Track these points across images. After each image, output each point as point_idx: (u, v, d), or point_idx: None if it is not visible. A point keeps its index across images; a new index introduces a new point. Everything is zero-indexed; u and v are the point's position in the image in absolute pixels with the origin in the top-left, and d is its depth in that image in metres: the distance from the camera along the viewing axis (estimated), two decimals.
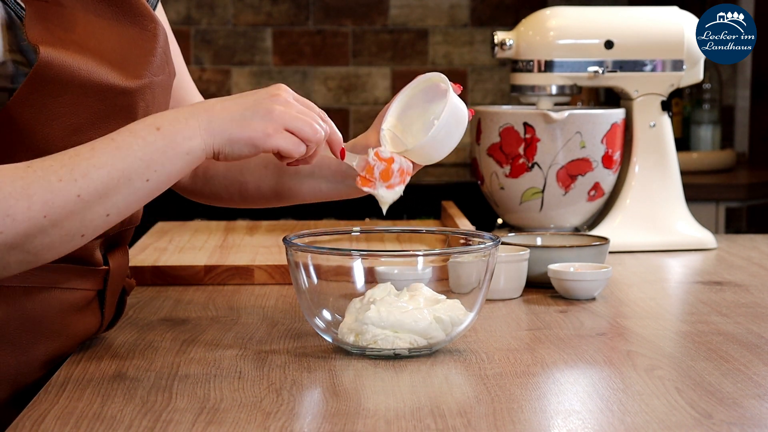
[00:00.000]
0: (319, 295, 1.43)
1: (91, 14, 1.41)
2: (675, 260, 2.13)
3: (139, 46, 1.45)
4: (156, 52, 1.46)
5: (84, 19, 1.40)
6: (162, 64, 1.47)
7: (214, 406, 1.24)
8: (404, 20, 4.12)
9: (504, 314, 1.68)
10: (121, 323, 1.60)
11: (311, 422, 1.21)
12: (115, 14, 1.44)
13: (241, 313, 1.68)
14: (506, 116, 2.15)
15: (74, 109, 1.36)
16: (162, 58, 1.48)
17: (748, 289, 1.84)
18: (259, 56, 4.10)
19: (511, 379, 1.34)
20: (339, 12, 4.11)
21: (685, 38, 2.19)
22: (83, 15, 1.40)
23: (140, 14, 1.46)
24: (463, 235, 1.56)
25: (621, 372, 1.38)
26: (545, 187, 2.14)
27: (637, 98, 2.21)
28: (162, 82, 1.47)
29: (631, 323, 1.63)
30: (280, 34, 4.10)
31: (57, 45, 1.34)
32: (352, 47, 4.12)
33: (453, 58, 4.13)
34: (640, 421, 1.20)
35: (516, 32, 2.20)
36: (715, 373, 1.36)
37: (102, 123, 1.38)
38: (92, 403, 1.25)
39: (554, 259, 1.82)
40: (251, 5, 4.09)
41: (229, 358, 1.43)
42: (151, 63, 1.45)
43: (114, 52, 1.41)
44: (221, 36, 4.09)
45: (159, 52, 1.47)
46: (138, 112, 1.43)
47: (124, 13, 1.44)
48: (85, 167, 1.27)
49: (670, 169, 2.23)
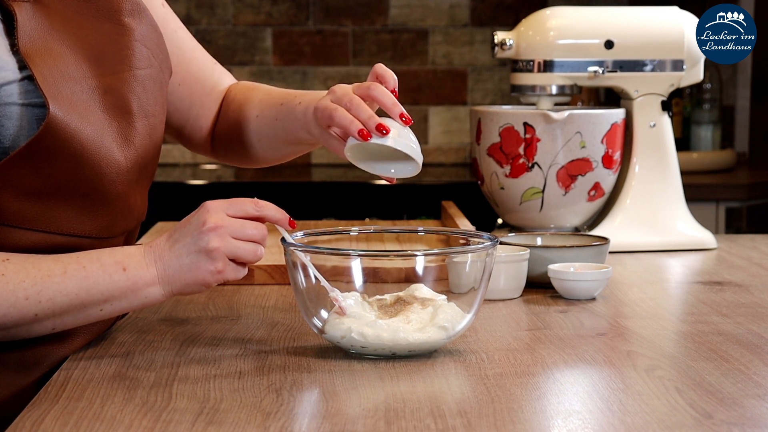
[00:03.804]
0: (318, 295, 1.43)
1: (70, 11, 1.46)
2: (675, 260, 2.13)
3: (114, 41, 1.48)
4: (132, 45, 1.49)
5: (64, 16, 1.44)
6: (146, 57, 1.51)
7: (214, 406, 1.24)
8: (404, 20, 4.12)
9: (504, 314, 1.68)
10: (121, 323, 1.60)
11: (311, 422, 1.21)
12: (90, 10, 1.48)
13: (241, 313, 1.68)
14: (506, 116, 2.15)
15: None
16: (143, 52, 1.51)
17: (748, 289, 1.84)
18: (259, 56, 4.10)
19: (511, 379, 1.34)
20: (339, 12, 4.11)
21: (685, 38, 2.19)
22: (63, 13, 1.45)
23: (113, 9, 1.50)
24: (462, 235, 1.56)
25: (621, 372, 1.38)
26: (545, 187, 2.14)
27: (637, 98, 2.21)
28: (151, 75, 1.50)
29: (631, 323, 1.63)
30: (280, 34, 4.10)
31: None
32: (352, 47, 4.12)
33: (453, 58, 4.13)
34: (640, 421, 1.20)
35: (516, 32, 2.20)
36: (716, 373, 1.36)
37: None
38: (92, 403, 1.25)
39: (554, 259, 1.82)
40: (251, 5, 4.09)
41: (229, 358, 1.43)
42: (130, 56, 1.49)
43: (93, 48, 1.45)
44: (221, 36, 4.09)
45: (137, 44, 1.50)
46: (133, 109, 1.45)
47: (96, 8, 1.48)
48: (53, 292, 1.36)
49: (670, 169, 2.22)
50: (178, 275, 1.41)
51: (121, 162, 1.43)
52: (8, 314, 1.34)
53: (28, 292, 1.35)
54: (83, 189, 1.41)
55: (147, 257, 1.41)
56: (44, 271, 1.36)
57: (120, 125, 1.44)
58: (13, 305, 1.34)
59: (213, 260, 1.39)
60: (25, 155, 1.36)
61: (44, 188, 1.38)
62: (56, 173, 1.38)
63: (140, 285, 1.40)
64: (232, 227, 1.40)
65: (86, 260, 1.39)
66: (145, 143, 1.48)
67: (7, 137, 1.36)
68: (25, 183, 1.37)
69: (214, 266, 1.39)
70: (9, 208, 1.38)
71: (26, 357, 1.43)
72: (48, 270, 1.36)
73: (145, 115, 1.48)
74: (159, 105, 1.53)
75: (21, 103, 1.36)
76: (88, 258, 1.39)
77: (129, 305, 1.41)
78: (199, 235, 1.40)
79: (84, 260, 1.39)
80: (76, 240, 1.42)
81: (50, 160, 1.37)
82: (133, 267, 1.40)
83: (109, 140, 1.42)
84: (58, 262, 1.37)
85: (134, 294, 1.40)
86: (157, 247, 1.42)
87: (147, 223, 2.00)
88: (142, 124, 1.47)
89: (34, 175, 1.37)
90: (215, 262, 1.39)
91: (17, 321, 1.35)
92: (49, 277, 1.36)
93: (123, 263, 1.40)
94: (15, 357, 1.42)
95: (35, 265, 1.36)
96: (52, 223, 1.40)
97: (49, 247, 1.40)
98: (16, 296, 1.34)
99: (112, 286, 1.39)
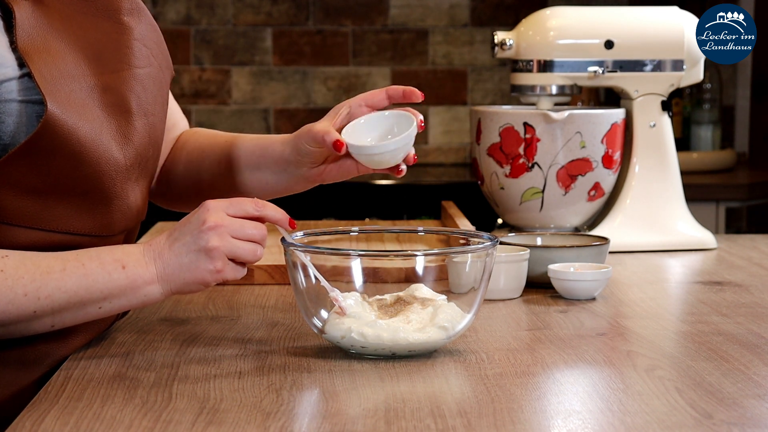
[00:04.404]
0: (318, 295, 1.43)
1: (70, 9, 1.46)
2: (675, 260, 2.13)
3: (114, 39, 1.48)
4: (131, 44, 1.49)
5: (63, 15, 1.44)
6: (146, 56, 1.51)
7: (214, 406, 1.24)
8: (404, 20, 4.12)
9: (504, 314, 1.68)
10: (121, 323, 1.60)
11: (311, 422, 1.21)
12: (89, 9, 1.48)
13: (241, 313, 1.68)
14: (506, 116, 2.15)
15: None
16: (143, 51, 1.51)
17: (748, 289, 1.84)
18: (259, 56, 4.10)
19: (511, 379, 1.34)
20: (339, 12, 4.11)
21: (685, 38, 2.19)
22: (63, 11, 1.45)
23: (112, 8, 1.50)
24: (462, 235, 1.56)
25: (621, 372, 1.38)
26: (545, 187, 2.14)
27: (637, 98, 2.21)
28: (150, 74, 1.51)
29: (631, 323, 1.63)
30: (280, 34, 4.10)
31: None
32: (352, 47, 4.12)
33: (453, 58, 4.13)
34: (640, 421, 1.20)
35: (516, 32, 2.20)
36: (716, 373, 1.36)
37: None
38: (92, 403, 1.25)
39: (554, 259, 1.82)
40: (251, 5, 4.09)
41: (229, 358, 1.43)
42: (129, 55, 1.49)
43: (92, 47, 1.45)
44: (221, 36, 4.09)
45: (136, 44, 1.50)
46: (132, 108, 1.45)
47: (96, 7, 1.49)
48: (51, 288, 1.36)
49: (670, 169, 2.23)
50: (177, 274, 1.41)
51: (120, 160, 1.43)
52: (6, 311, 1.34)
53: (27, 289, 1.35)
54: (82, 187, 1.41)
55: (146, 256, 1.41)
56: (43, 267, 1.36)
57: (119, 123, 1.44)
58: (11, 302, 1.34)
59: (212, 259, 1.39)
60: (23, 152, 1.36)
61: (43, 186, 1.38)
62: (55, 170, 1.38)
63: (139, 283, 1.40)
64: (232, 227, 1.40)
65: (86, 258, 1.39)
66: (144, 142, 1.48)
67: (7, 134, 1.36)
68: (23, 180, 1.37)
69: (213, 265, 1.40)
70: (8, 206, 1.38)
71: (26, 355, 1.43)
72: (47, 267, 1.37)
73: (144, 114, 1.48)
74: (159, 104, 1.53)
75: (20, 100, 1.37)
76: (88, 256, 1.39)
77: (128, 303, 1.41)
78: (199, 234, 1.40)
79: (83, 258, 1.39)
80: (75, 238, 1.42)
81: (49, 158, 1.37)
82: (133, 265, 1.40)
83: (108, 138, 1.42)
84: (58, 259, 1.38)
85: (133, 292, 1.40)
86: (157, 246, 1.42)
87: (147, 222, 2.00)
88: (142, 122, 1.48)
89: (33, 172, 1.37)
90: (214, 261, 1.39)
91: (16, 318, 1.35)
92: (48, 274, 1.36)
93: (122, 261, 1.40)
94: (15, 355, 1.43)
95: (34, 262, 1.36)
96: (51, 221, 1.40)
97: (48, 245, 1.40)
98: (14, 292, 1.34)
99: (111, 284, 1.39)
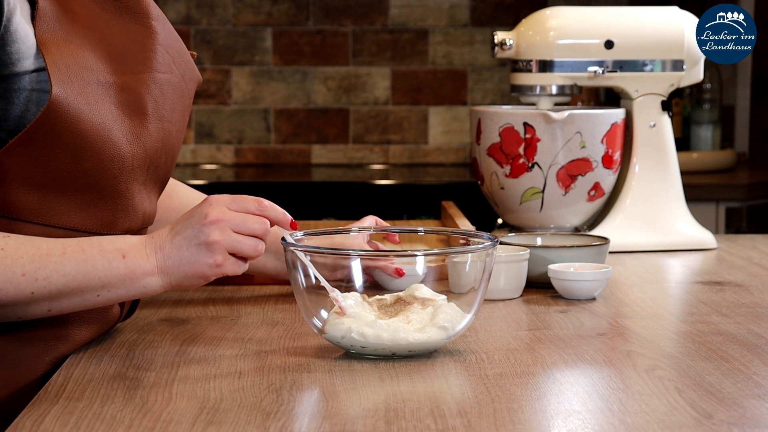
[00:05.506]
0: (318, 295, 1.43)
1: (97, 8, 1.46)
2: (675, 260, 2.13)
3: (138, 42, 1.48)
4: (155, 48, 1.49)
5: (89, 12, 1.45)
6: (168, 62, 1.51)
7: (214, 406, 1.24)
8: (404, 20, 4.12)
9: (504, 314, 1.68)
10: (120, 323, 1.60)
11: (311, 422, 1.21)
12: (117, 9, 1.49)
13: (241, 313, 1.68)
14: (506, 116, 2.15)
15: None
16: (165, 57, 1.51)
17: (748, 289, 1.84)
18: (259, 56, 4.10)
19: (511, 379, 1.34)
20: (339, 12, 4.11)
21: (685, 38, 2.19)
22: (90, 9, 1.46)
23: (141, 12, 1.50)
24: (462, 235, 1.56)
25: (621, 372, 1.38)
26: (545, 187, 2.14)
27: (637, 98, 2.21)
28: (170, 80, 1.50)
29: (631, 323, 1.63)
30: (280, 34, 4.10)
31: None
32: (352, 47, 4.12)
33: (453, 58, 4.13)
34: (640, 421, 1.20)
35: (516, 32, 2.20)
36: (716, 373, 1.36)
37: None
38: (92, 403, 1.25)
39: (554, 259, 1.82)
40: (251, 5, 4.09)
41: (229, 358, 1.43)
42: (151, 58, 1.49)
43: (115, 46, 1.46)
44: (221, 36, 4.09)
45: (160, 48, 1.49)
46: (148, 110, 1.45)
47: (125, 8, 1.49)
48: (50, 271, 1.36)
49: (670, 169, 2.23)
50: (177, 267, 1.41)
51: (126, 158, 1.43)
52: (4, 289, 1.35)
53: (26, 269, 1.35)
54: (82, 182, 1.41)
55: (148, 247, 1.41)
56: (43, 250, 1.37)
57: (132, 123, 1.44)
58: (9, 280, 1.35)
59: (213, 253, 1.40)
60: (24, 142, 1.36)
61: (43, 179, 1.38)
62: (55, 162, 1.38)
63: (138, 274, 1.40)
64: (234, 221, 1.40)
65: (86, 244, 1.40)
66: (156, 146, 1.48)
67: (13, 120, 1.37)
68: (24, 173, 1.37)
69: (214, 259, 1.40)
70: (8, 200, 1.38)
71: (26, 353, 1.43)
72: (47, 249, 1.37)
73: (159, 119, 1.48)
74: (177, 112, 1.52)
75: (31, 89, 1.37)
76: (89, 243, 1.40)
77: (126, 293, 1.41)
78: (200, 227, 1.40)
79: (84, 244, 1.39)
80: (75, 234, 1.42)
81: (49, 149, 1.37)
82: (133, 255, 1.40)
83: (118, 135, 1.42)
84: (58, 243, 1.38)
85: (132, 282, 1.41)
86: (159, 238, 1.42)
87: None
88: (156, 126, 1.47)
89: (33, 164, 1.37)
90: (215, 255, 1.40)
91: (13, 297, 1.36)
92: (47, 256, 1.37)
93: (123, 251, 1.40)
94: (14, 354, 1.42)
95: (35, 244, 1.37)
96: (51, 216, 1.41)
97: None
98: (13, 271, 1.35)
99: (110, 273, 1.39)
